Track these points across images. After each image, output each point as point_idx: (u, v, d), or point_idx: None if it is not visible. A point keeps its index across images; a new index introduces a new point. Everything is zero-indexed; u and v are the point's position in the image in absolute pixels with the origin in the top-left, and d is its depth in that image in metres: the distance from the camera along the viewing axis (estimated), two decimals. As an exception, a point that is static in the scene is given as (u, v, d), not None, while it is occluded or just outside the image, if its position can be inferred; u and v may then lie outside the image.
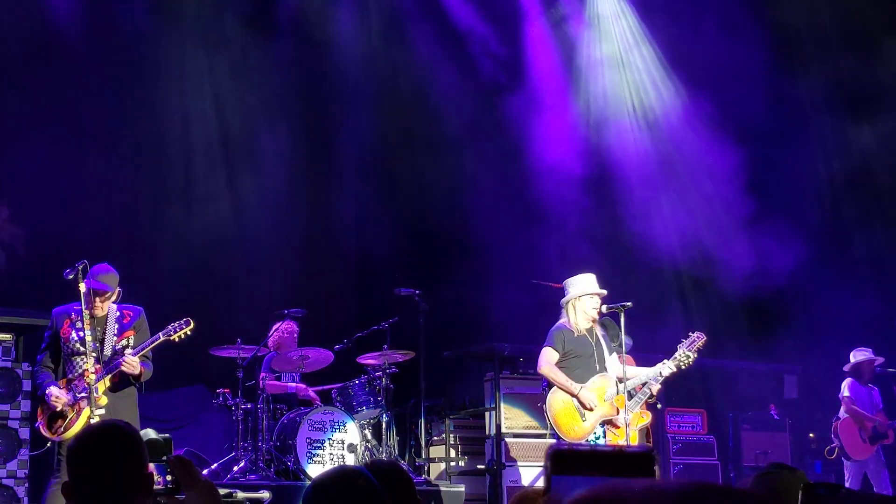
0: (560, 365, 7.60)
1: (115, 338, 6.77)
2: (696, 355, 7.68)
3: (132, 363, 6.59)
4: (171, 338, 6.79)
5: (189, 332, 6.85)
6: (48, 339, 6.84)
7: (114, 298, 6.84)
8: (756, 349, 11.59)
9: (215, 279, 11.44)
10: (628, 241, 12.16)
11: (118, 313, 6.85)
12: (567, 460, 0.84)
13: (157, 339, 6.75)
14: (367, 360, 9.52)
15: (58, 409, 6.60)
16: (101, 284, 6.70)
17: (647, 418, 7.73)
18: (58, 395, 6.58)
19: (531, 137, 12.17)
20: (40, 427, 6.72)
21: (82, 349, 6.64)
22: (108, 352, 6.73)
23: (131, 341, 6.81)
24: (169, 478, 2.78)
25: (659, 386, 7.71)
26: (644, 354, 8.46)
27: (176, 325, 6.82)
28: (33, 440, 7.55)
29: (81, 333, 6.67)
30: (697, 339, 7.67)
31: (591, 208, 12.14)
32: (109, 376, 6.63)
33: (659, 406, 8.17)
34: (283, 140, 12.35)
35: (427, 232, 12.38)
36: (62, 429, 6.61)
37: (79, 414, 6.59)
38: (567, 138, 12.27)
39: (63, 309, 6.82)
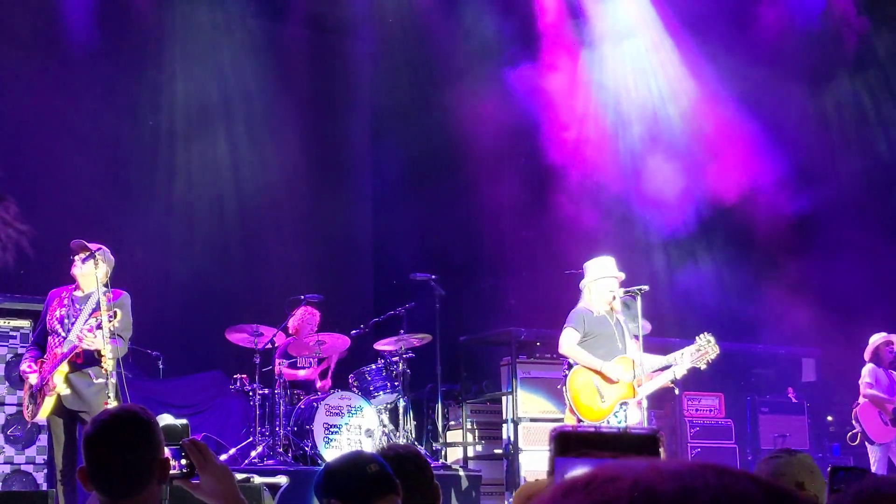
0: (582, 346, 7.57)
1: (87, 317, 6.64)
2: (705, 366, 7.64)
3: (89, 338, 6.46)
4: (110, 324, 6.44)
5: (117, 324, 6.48)
6: (41, 318, 6.92)
7: (100, 274, 6.62)
8: (774, 332, 11.53)
9: (231, 266, 11.46)
10: (646, 223, 12.12)
11: (102, 297, 6.65)
12: (571, 442, 0.82)
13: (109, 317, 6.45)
14: (384, 345, 9.52)
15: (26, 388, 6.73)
16: (78, 241, 6.70)
17: (636, 417, 7.70)
18: (27, 378, 6.71)
19: (547, 117, 12.12)
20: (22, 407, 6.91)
21: (58, 328, 6.67)
22: (73, 334, 6.62)
23: (97, 321, 6.59)
24: (184, 462, 2.77)
25: (670, 383, 7.70)
26: (659, 339, 8.42)
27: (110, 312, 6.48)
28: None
29: (62, 312, 6.71)
30: (710, 351, 7.57)
31: (609, 190, 12.09)
32: (66, 361, 6.57)
33: (677, 391, 8.11)
34: (296, 123, 12.35)
35: (443, 216, 12.35)
36: (29, 414, 6.73)
37: (42, 400, 6.59)
38: (584, 119, 12.20)
39: (58, 290, 6.88)
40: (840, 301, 11.07)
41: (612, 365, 7.47)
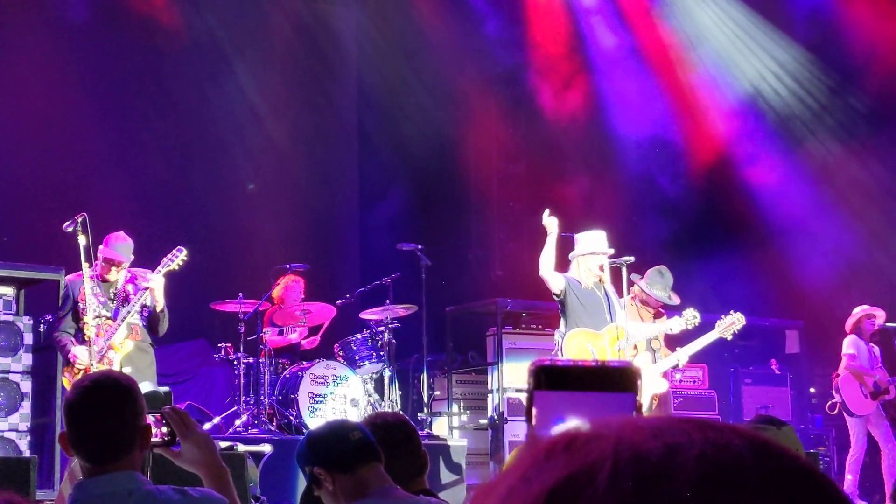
0: (568, 313, 7.53)
1: (138, 294, 6.91)
2: (730, 336, 7.70)
3: (156, 281, 6.75)
4: (171, 268, 6.89)
5: (185, 259, 6.97)
6: (66, 305, 7.01)
7: (126, 266, 7.01)
8: (758, 304, 11.56)
9: (216, 234, 11.41)
10: (635, 196, 12.13)
11: (129, 274, 7.03)
12: (549, 376, 0.81)
13: (158, 272, 6.85)
14: (370, 314, 9.51)
15: (80, 369, 6.74)
16: (116, 254, 6.85)
17: (664, 387, 7.71)
18: (82, 356, 6.75)
19: (538, 88, 12.07)
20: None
21: (106, 314, 6.84)
22: (127, 314, 6.88)
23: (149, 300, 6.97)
24: (165, 429, 2.76)
25: (687, 358, 7.71)
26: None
27: (170, 256, 6.93)
28: (34, 394, 7.55)
29: (102, 299, 6.85)
30: (736, 321, 7.62)
31: (597, 162, 12.09)
32: (128, 332, 6.81)
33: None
34: (282, 94, 12.29)
35: (430, 186, 12.32)
36: None
37: (110, 367, 6.66)
38: (575, 90, 12.14)
39: (77, 277, 6.96)
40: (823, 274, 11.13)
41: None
